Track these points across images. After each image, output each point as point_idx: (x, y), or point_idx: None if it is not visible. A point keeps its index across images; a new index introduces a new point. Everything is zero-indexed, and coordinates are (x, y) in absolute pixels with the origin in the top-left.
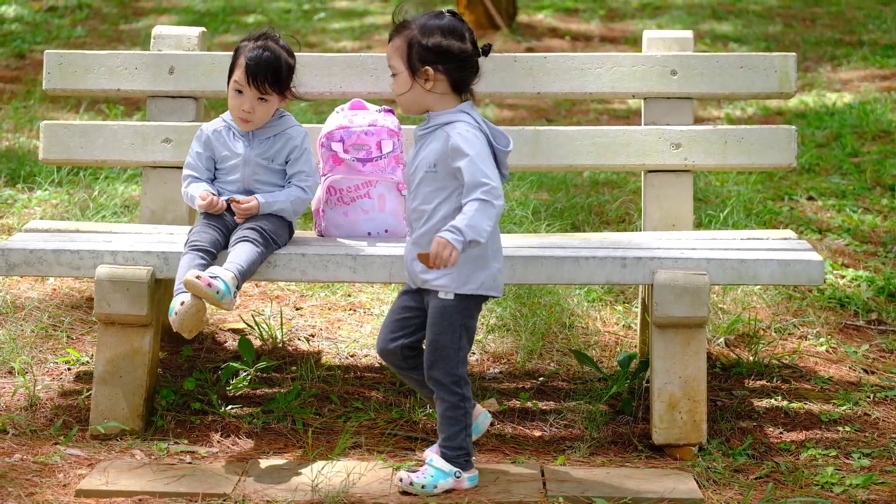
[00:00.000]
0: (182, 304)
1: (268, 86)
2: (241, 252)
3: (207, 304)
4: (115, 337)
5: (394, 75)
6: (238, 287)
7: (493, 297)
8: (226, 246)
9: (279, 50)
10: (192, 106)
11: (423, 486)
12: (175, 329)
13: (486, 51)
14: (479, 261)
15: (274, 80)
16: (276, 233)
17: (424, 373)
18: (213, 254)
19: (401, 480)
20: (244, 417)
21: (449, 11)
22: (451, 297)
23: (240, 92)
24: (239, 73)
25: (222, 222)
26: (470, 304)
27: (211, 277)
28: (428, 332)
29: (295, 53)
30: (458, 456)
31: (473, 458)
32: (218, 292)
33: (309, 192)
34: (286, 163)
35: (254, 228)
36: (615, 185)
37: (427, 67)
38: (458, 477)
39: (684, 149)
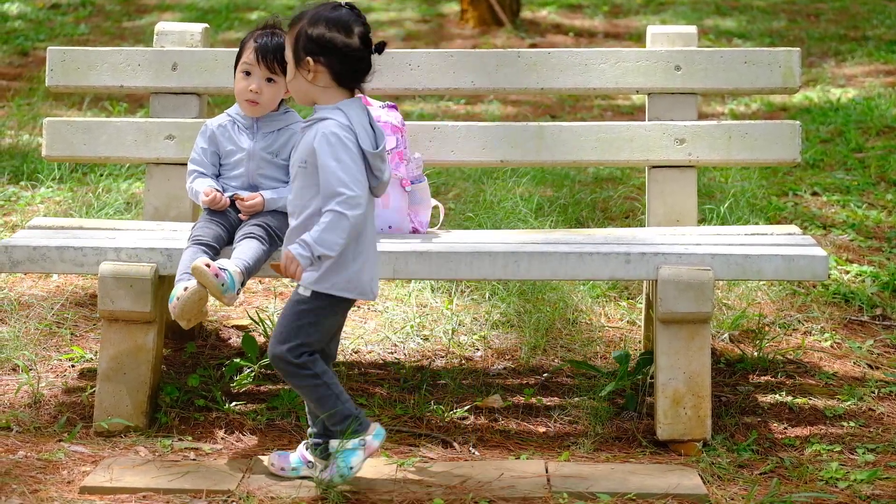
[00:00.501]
0: (185, 289)
1: (276, 65)
2: (246, 248)
3: (209, 296)
4: (118, 334)
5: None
6: (242, 284)
7: (351, 298)
8: (229, 242)
9: (286, 35)
10: (196, 102)
11: (341, 476)
12: (174, 316)
13: (380, 49)
14: (337, 262)
15: (282, 60)
16: (281, 230)
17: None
18: (217, 249)
19: (322, 482)
20: (248, 414)
21: (347, 4)
22: (308, 292)
23: (248, 74)
24: (248, 54)
25: (226, 218)
26: (323, 303)
27: (219, 268)
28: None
29: None
30: (350, 424)
31: (363, 414)
32: (223, 284)
33: None
34: (290, 158)
35: (259, 225)
36: (619, 180)
37: (308, 58)
38: (363, 444)
39: (688, 144)
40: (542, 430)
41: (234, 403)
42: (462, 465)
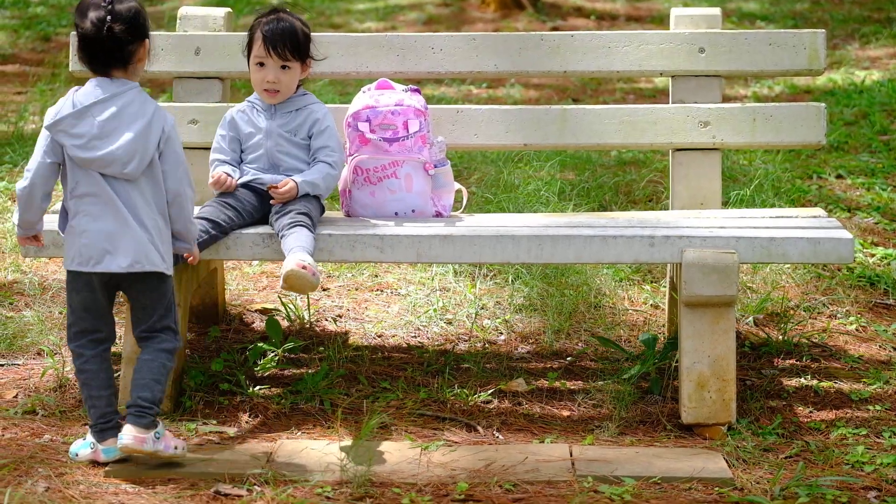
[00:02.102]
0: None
1: (288, 52)
2: (301, 237)
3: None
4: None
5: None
6: None
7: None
8: (242, 226)
9: (292, 19)
10: (219, 86)
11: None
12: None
13: (109, 31)
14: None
15: (293, 46)
16: (316, 214)
17: None
18: (223, 227)
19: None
20: (272, 398)
21: None
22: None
23: (261, 65)
24: (258, 47)
25: (237, 201)
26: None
27: (309, 264)
28: None
29: (320, 34)
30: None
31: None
32: (317, 277)
33: (336, 168)
34: (309, 137)
35: (302, 212)
36: (642, 164)
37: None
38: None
39: (712, 127)
40: (566, 413)
41: (257, 387)
42: (486, 448)
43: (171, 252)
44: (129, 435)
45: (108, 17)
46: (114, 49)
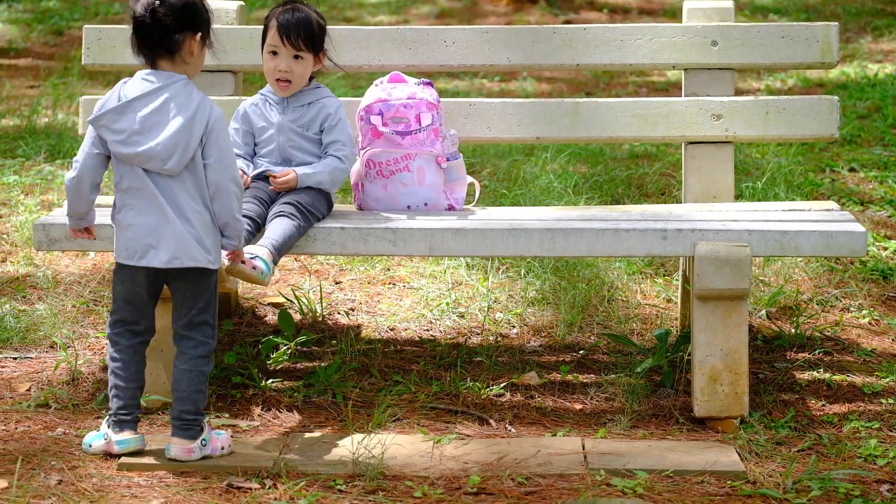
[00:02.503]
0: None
1: (302, 42)
2: (276, 227)
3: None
4: (157, 311)
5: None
6: (275, 262)
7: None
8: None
9: (308, 10)
10: (231, 80)
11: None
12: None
13: (144, 14)
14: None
15: (307, 36)
16: (315, 206)
17: None
18: (259, 224)
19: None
20: (285, 391)
21: None
22: None
23: (274, 54)
24: (272, 35)
25: (265, 193)
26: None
27: (251, 258)
28: None
29: (332, 27)
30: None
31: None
32: (262, 273)
33: (346, 162)
34: (321, 132)
35: (290, 203)
36: (654, 157)
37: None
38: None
39: (725, 120)
40: (578, 407)
41: (270, 381)
42: (498, 442)
43: (219, 246)
44: (177, 448)
45: (157, 2)
46: (160, 36)
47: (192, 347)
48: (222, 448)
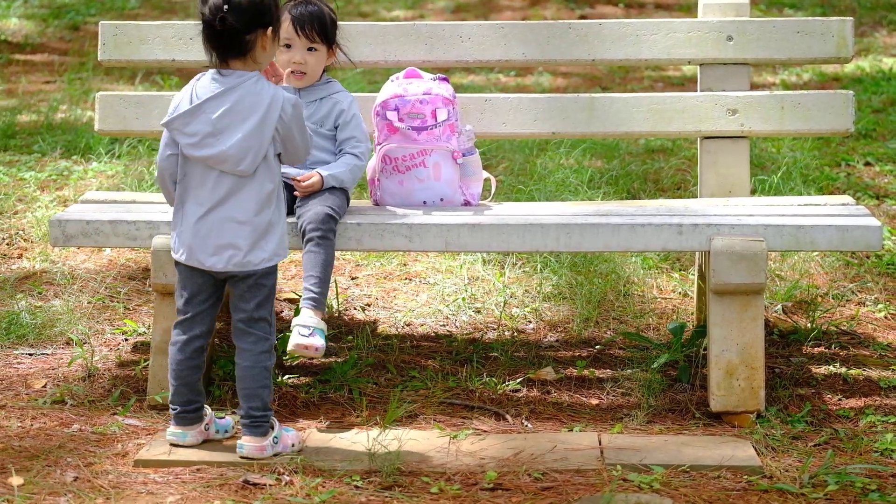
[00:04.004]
0: (306, 348)
1: (315, 34)
2: (314, 267)
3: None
4: (172, 307)
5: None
6: (325, 307)
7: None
8: (290, 212)
9: (320, 4)
10: None
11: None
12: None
13: (220, 20)
14: None
15: (321, 28)
16: (341, 207)
17: None
18: None
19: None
20: (301, 387)
21: None
22: None
23: (288, 46)
24: (285, 28)
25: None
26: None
27: (308, 334)
28: None
29: (349, 22)
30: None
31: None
32: (322, 346)
33: (363, 159)
34: (335, 128)
35: (317, 226)
36: (670, 152)
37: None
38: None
39: (741, 115)
40: (594, 402)
41: (286, 377)
42: (515, 437)
43: (285, 243)
44: (248, 446)
45: (225, 6)
46: (229, 38)
47: (253, 343)
48: (293, 445)
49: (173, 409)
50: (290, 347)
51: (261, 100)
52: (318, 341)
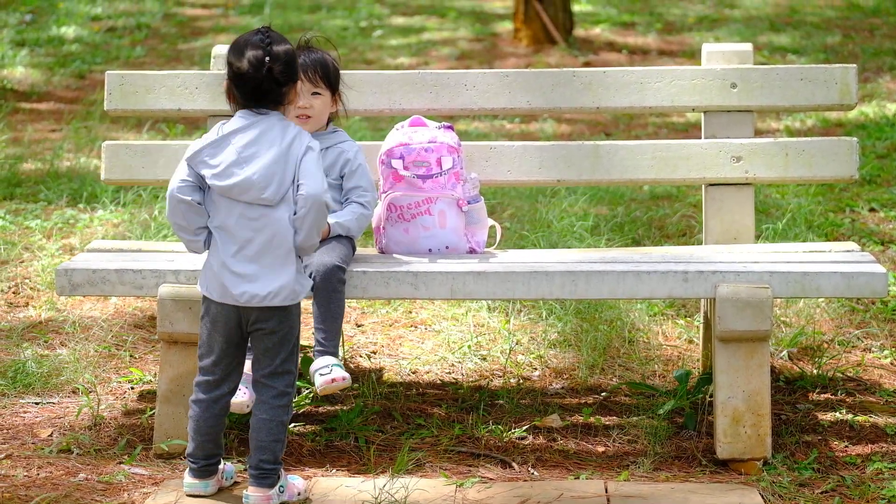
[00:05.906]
0: (332, 381)
1: (319, 78)
2: (324, 321)
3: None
4: (178, 356)
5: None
6: (337, 350)
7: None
8: None
9: (322, 51)
10: None
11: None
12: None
13: (270, 72)
14: None
15: (324, 73)
16: (348, 256)
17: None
18: None
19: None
20: (307, 435)
21: (264, 28)
22: None
23: None
24: None
25: None
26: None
27: (328, 373)
28: None
29: (354, 71)
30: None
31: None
32: (348, 377)
33: (369, 208)
34: (341, 177)
35: (339, 266)
36: (675, 198)
37: (226, 80)
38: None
39: (745, 162)
40: (601, 449)
41: (293, 425)
42: (521, 485)
43: (304, 281)
44: (255, 497)
45: (268, 59)
46: (270, 90)
47: (273, 397)
48: (299, 494)
49: (194, 463)
50: (319, 391)
51: (287, 133)
52: (341, 373)
